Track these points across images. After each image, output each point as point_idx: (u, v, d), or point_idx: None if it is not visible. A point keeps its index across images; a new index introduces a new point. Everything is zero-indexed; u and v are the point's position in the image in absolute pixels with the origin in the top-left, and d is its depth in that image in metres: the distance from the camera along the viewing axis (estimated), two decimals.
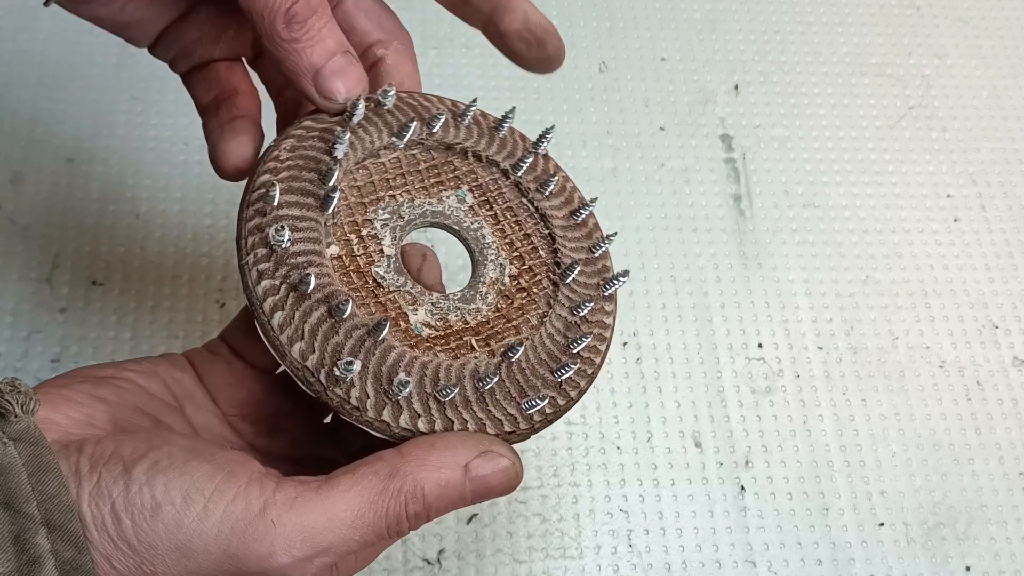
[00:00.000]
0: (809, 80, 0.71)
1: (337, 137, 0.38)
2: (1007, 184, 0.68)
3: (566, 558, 0.53)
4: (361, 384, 0.36)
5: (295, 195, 0.38)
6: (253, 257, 0.37)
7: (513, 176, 0.43)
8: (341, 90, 0.38)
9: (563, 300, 0.41)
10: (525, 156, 0.43)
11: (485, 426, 0.37)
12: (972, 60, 0.73)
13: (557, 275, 0.41)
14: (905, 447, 0.58)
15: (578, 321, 0.41)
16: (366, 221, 0.40)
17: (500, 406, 0.38)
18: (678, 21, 0.73)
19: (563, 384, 0.39)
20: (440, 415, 0.37)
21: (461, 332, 0.39)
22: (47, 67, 0.64)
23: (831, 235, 0.65)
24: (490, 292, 0.41)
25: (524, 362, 0.39)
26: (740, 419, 0.58)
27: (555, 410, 0.39)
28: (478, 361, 0.38)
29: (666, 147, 0.67)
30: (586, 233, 0.43)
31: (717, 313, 0.61)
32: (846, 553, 0.55)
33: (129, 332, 0.56)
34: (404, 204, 0.41)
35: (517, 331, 0.40)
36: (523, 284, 0.41)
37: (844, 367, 0.60)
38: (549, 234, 0.42)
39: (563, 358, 0.39)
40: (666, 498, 0.55)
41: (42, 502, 0.30)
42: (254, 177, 0.38)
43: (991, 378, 0.61)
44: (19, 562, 0.29)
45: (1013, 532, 0.56)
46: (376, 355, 0.36)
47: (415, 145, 0.42)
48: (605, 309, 0.42)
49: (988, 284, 0.64)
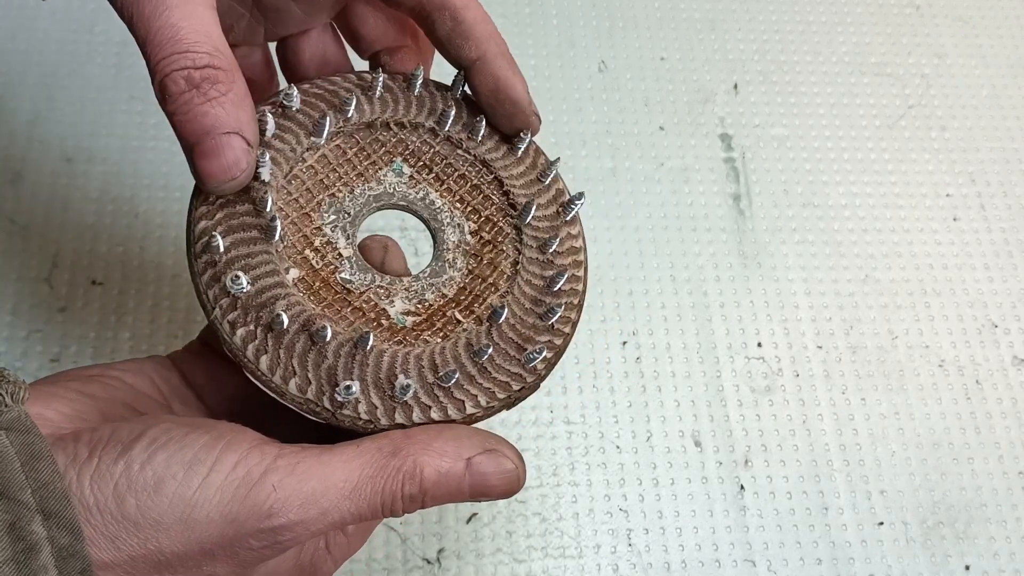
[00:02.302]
0: (808, 79, 0.71)
1: (259, 160, 0.37)
2: (1007, 183, 0.68)
3: (565, 557, 0.53)
4: (366, 398, 0.36)
5: (237, 233, 0.37)
6: (219, 310, 0.36)
7: (441, 132, 0.42)
8: (212, 174, 0.35)
9: (529, 241, 0.40)
10: (447, 109, 0.41)
11: (495, 393, 0.37)
12: (971, 59, 0.73)
13: (516, 217, 0.41)
14: (904, 446, 0.58)
15: (550, 257, 0.40)
16: (315, 231, 0.39)
17: (503, 369, 0.38)
18: (677, 20, 0.73)
19: (554, 325, 0.39)
20: (449, 399, 0.37)
21: (443, 308, 0.39)
22: (47, 67, 0.64)
23: (830, 234, 0.65)
24: (457, 256, 0.40)
25: (512, 318, 0.39)
26: (740, 418, 0.58)
27: (555, 351, 0.39)
28: (468, 333, 0.38)
29: (665, 146, 0.67)
30: (530, 164, 0.42)
31: (716, 312, 0.61)
32: (846, 552, 0.55)
33: (129, 332, 0.56)
34: (345, 199, 0.40)
35: (495, 287, 0.40)
36: (486, 237, 0.41)
37: (844, 366, 0.60)
38: (495, 178, 0.42)
39: (547, 300, 0.39)
40: (666, 497, 0.55)
41: (36, 490, 0.30)
42: (191, 226, 0.37)
43: (990, 377, 0.61)
44: (15, 550, 0.29)
45: (1012, 531, 0.56)
46: (370, 365, 0.36)
47: (335, 136, 0.41)
48: (571, 234, 0.41)
49: (987, 283, 0.64)
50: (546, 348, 0.38)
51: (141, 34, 0.34)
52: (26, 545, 0.29)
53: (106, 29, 0.66)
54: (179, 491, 0.31)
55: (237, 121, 0.34)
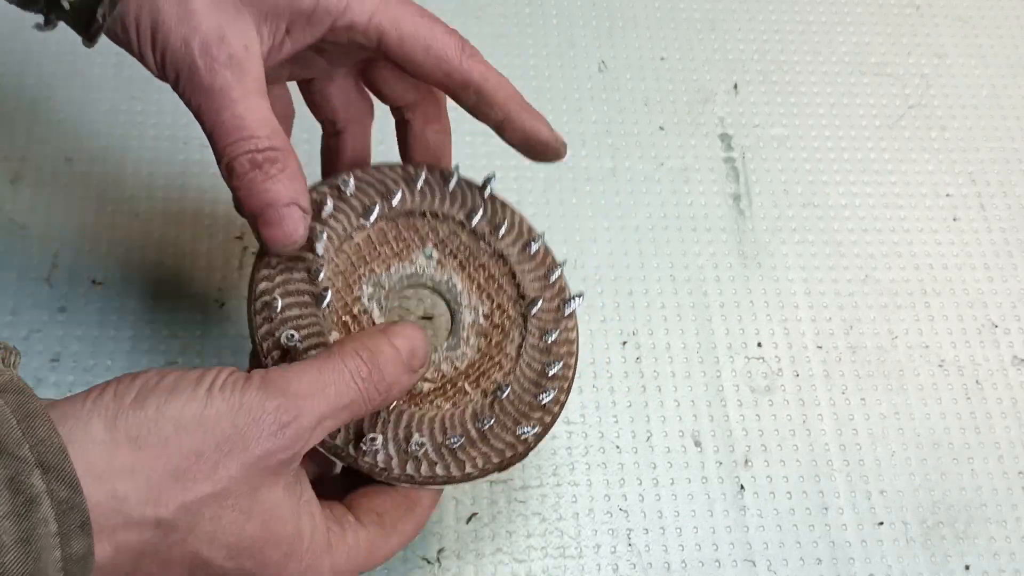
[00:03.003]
0: (808, 79, 0.71)
1: (315, 236, 0.44)
2: (1006, 183, 0.68)
3: (565, 557, 0.53)
4: (384, 449, 0.42)
5: (292, 297, 0.43)
6: (271, 360, 0.42)
7: (469, 225, 0.48)
8: (275, 239, 0.41)
9: (533, 330, 0.47)
10: (476, 205, 0.48)
11: (491, 457, 0.44)
12: (971, 59, 0.73)
13: (523, 307, 0.48)
14: (904, 446, 0.58)
15: (549, 346, 0.47)
16: (355, 300, 0.45)
17: (500, 438, 0.44)
18: (677, 20, 0.73)
19: (546, 405, 0.46)
20: (452, 459, 0.43)
21: (455, 379, 0.45)
22: (47, 67, 0.64)
23: (830, 234, 0.65)
24: (470, 335, 0.47)
25: (512, 396, 0.45)
26: (739, 418, 0.58)
27: (544, 428, 0.45)
28: (474, 404, 0.45)
29: (665, 146, 0.67)
30: (539, 262, 0.49)
31: (716, 312, 0.61)
32: (845, 552, 0.55)
33: (129, 331, 0.56)
34: (382, 275, 0.46)
35: (500, 366, 0.46)
36: (496, 320, 0.47)
37: (843, 366, 0.60)
38: (509, 270, 0.48)
39: (542, 382, 0.46)
40: (666, 497, 0.55)
41: (34, 445, 0.30)
42: (253, 285, 0.43)
43: (990, 377, 0.61)
44: (14, 503, 0.29)
45: (1012, 531, 0.56)
46: (391, 422, 0.43)
47: (380, 220, 0.47)
48: (568, 327, 0.48)
49: (987, 283, 0.64)
50: (538, 424, 0.45)
51: (209, 125, 0.40)
52: (26, 498, 0.30)
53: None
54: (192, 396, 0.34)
55: (295, 193, 0.41)
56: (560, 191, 0.64)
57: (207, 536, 0.34)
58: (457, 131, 0.66)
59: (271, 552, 0.36)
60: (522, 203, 0.63)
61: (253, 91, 0.40)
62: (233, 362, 0.56)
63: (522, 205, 0.63)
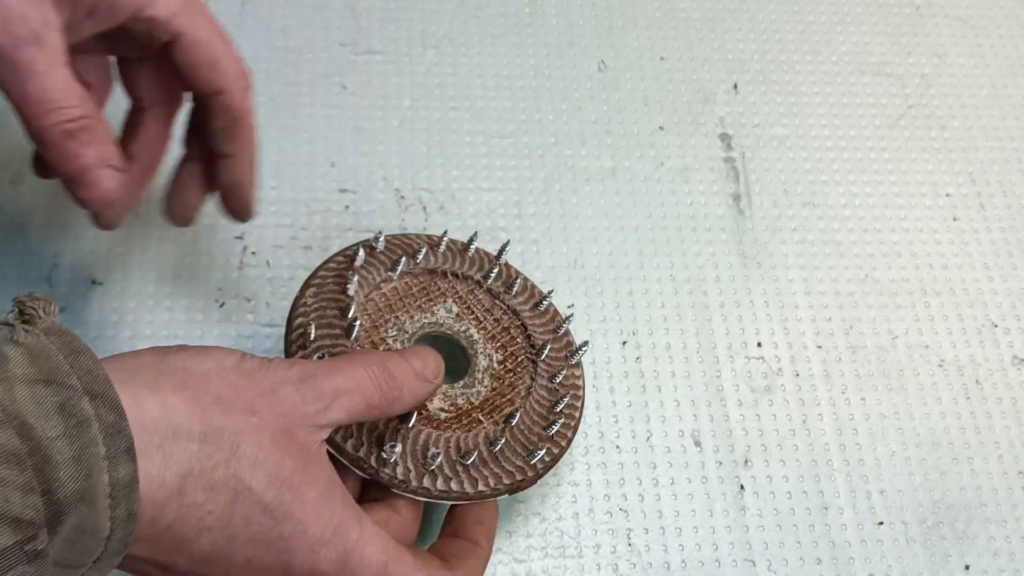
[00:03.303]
0: (808, 79, 0.71)
1: (347, 280, 0.50)
2: (1006, 183, 0.68)
3: (565, 557, 0.53)
4: (403, 462, 0.46)
5: (325, 328, 0.49)
6: None
7: (485, 285, 0.54)
8: (92, 199, 0.44)
9: (542, 372, 0.52)
10: (491, 268, 0.54)
11: (502, 478, 0.48)
12: (971, 59, 0.74)
13: (533, 354, 0.53)
14: (904, 446, 0.58)
15: (556, 387, 0.52)
16: (381, 340, 0.51)
17: (510, 460, 0.48)
18: (677, 20, 0.73)
19: (554, 436, 0.50)
20: (466, 475, 0.47)
21: (469, 411, 0.50)
22: None
23: (830, 234, 0.65)
24: (485, 377, 0.52)
25: (522, 424, 0.50)
26: (739, 418, 0.58)
27: (552, 457, 0.50)
28: (487, 429, 0.49)
29: (665, 146, 0.67)
30: (549, 318, 0.54)
31: (716, 312, 0.61)
32: (845, 552, 0.55)
33: (129, 331, 0.56)
34: (406, 322, 0.52)
35: (512, 402, 0.51)
36: (509, 366, 0.52)
37: (843, 366, 0.60)
38: (521, 324, 0.54)
39: (551, 416, 0.51)
40: (665, 497, 0.55)
41: (81, 375, 0.32)
42: (291, 320, 0.49)
43: (990, 377, 0.61)
44: (67, 425, 0.31)
45: (1012, 531, 0.56)
46: (410, 438, 0.47)
47: (405, 275, 0.53)
48: (575, 374, 0.53)
49: (987, 283, 0.64)
50: (546, 452, 0.49)
51: (17, 98, 0.41)
52: (77, 420, 0.31)
53: None
54: (228, 352, 0.39)
55: (107, 155, 0.43)
56: (560, 191, 0.64)
57: (249, 460, 0.37)
58: (459, 131, 0.66)
59: (308, 490, 0.38)
60: (522, 203, 0.63)
61: (56, 63, 0.42)
62: None
63: (522, 205, 0.63)
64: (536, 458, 0.48)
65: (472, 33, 0.69)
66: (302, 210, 0.61)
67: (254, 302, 0.58)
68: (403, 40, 0.68)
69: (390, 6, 0.70)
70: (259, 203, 0.52)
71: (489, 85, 0.67)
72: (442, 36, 0.69)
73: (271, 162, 0.62)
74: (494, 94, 0.67)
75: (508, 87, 0.68)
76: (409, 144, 0.65)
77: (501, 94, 0.67)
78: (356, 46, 0.68)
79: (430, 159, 0.64)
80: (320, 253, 0.59)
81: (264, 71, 0.66)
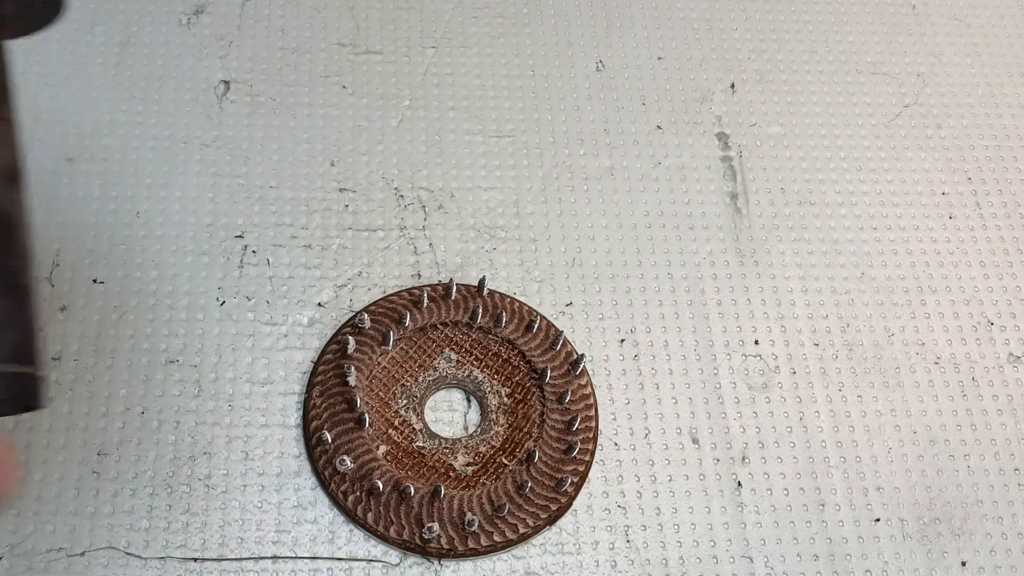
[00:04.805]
0: (805, 78, 0.71)
1: (346, 370, 0.53)
2: (1002, 181, 0.69)
3: (564, 554, 0.53)
4: (445, 532, 0.51)
5: (339, 426, 0.53)
6: (335, 484, 0.52)
7: (475, 324, 0.56)
8: None
9: (550, 396, 0.54)
10: (476, 307, 0.56)
11: (538, 515, 0.52)
12: (967, 58, 0.74)
13: (536, 379, 0.55)
14: (901, 443, 0.58)
15: (567, 406, 0.54)
16: (394, 414, 0.54)
17: (541, 496, 0.52)
18: (675, 20, 0.73)
19: (576, 456, 0.53)
20: (505, 524, 0.51)
21: (493, 456, 0.53)
22: (47, 67, 0.65)
23: (827, 232, 0.65)
24: (499, 415, 0.54)
25: (543, 457, 0.53)
26: (737, 415, 0.58)
27: (579, 477, 0.53)
28: (513, 473, 0.52)
29: (663, 145, 0.67)
30: (543, 336, 0.56)
31: (714, 310, 0.61)
32: (842, 548, 0.55)
33: (130, 330, 0.57)
34: (412, 386, 0.55)
35: (529, 434, 0.54)
36: (518, 397, 0.55)
37: (840, 363, 0.61)
38: (519, 352, 0.56)
39: (568, 438, 0.53)
40: (663, 494, 0.55)
41: None
42: (307, 426, 0.53)
43: (986, 374, 0.61)
44: None
45: (1008, 527, 0.56)
46: (445, 508, 0.51)
47: (399, 342, 0.55)
48: (581, 384, 0.55)
49: (983, 281, 0.65)
50: (571, 476, 0.52)
51: None
52: None
53: (106, 29, 0.66)
54: None
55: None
56: (558, 190, 0.64)
57: None
58: (457, 130, 0.67)
59: None
60: (520, 202, 0.63)
61: None
62: (233, 360, 0.57)
63: (520, 204, 0.63)
64: (565, 485, 0.52)
65: (471, 33, 0.69)
66: (302, 209, 0.62)
67: (254, 300, 0.58)
68: (402, 40, 0.69)
69: (389, 6, 0.70)
70: (259, 202, 0.51)
71: (488, 85, 0.68)
72: (441, 36, 0.69)
73: (271, 161, 0.63)
74: (492, 94, 0.67)
75: (507, 87, 0.68)
76: (408, 143, 0.65)
77: (500, 94, 0.67)
78: (356, 46, 0.68)
79: (429, 158, 0.64)
80: (320, 252, 0.60)
81: (264, 71, 0.66)
